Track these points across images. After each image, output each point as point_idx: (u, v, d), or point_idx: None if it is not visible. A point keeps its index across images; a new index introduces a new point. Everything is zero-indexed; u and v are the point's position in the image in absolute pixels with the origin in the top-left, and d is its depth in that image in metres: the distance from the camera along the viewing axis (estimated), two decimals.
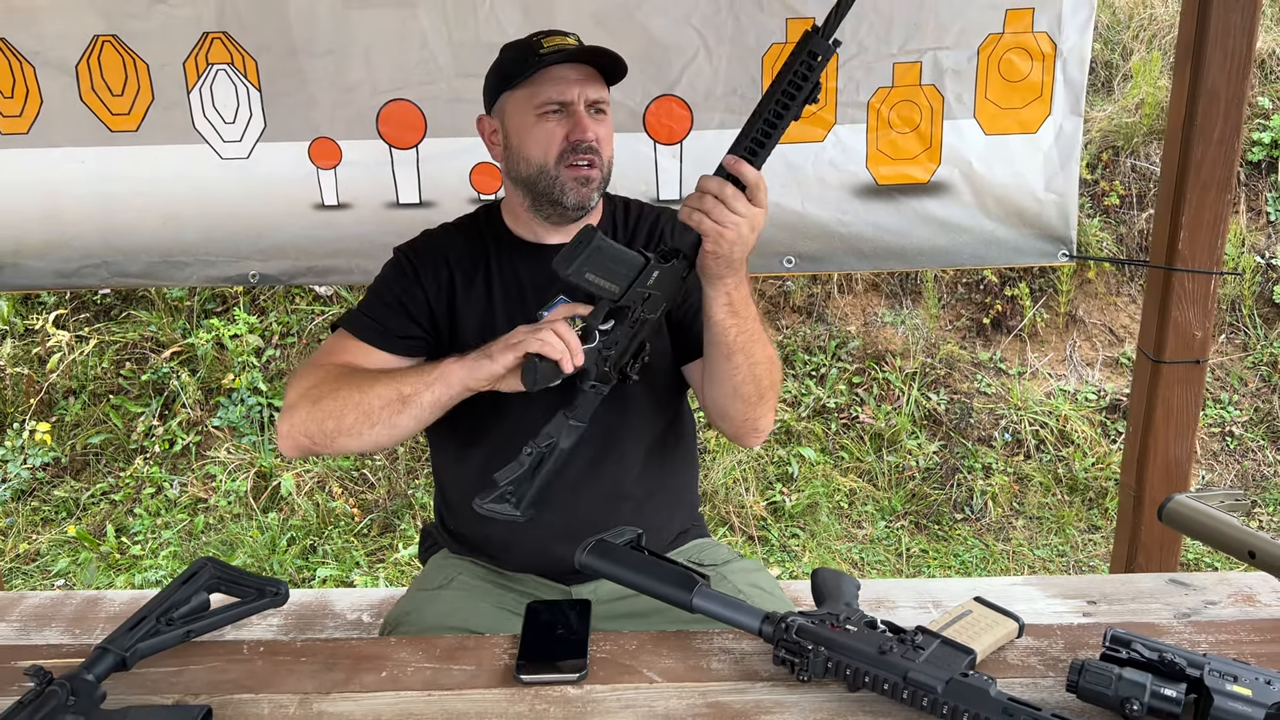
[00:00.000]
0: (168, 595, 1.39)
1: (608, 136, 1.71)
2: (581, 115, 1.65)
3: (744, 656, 1.33)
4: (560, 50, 1.64)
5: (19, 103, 2.33)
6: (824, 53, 1.40)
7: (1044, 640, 1.36)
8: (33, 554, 3.83)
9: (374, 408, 1.56)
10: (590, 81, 1.67)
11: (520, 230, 1.77)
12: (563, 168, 1.65)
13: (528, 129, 1.67)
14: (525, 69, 1.64)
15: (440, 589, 1.71)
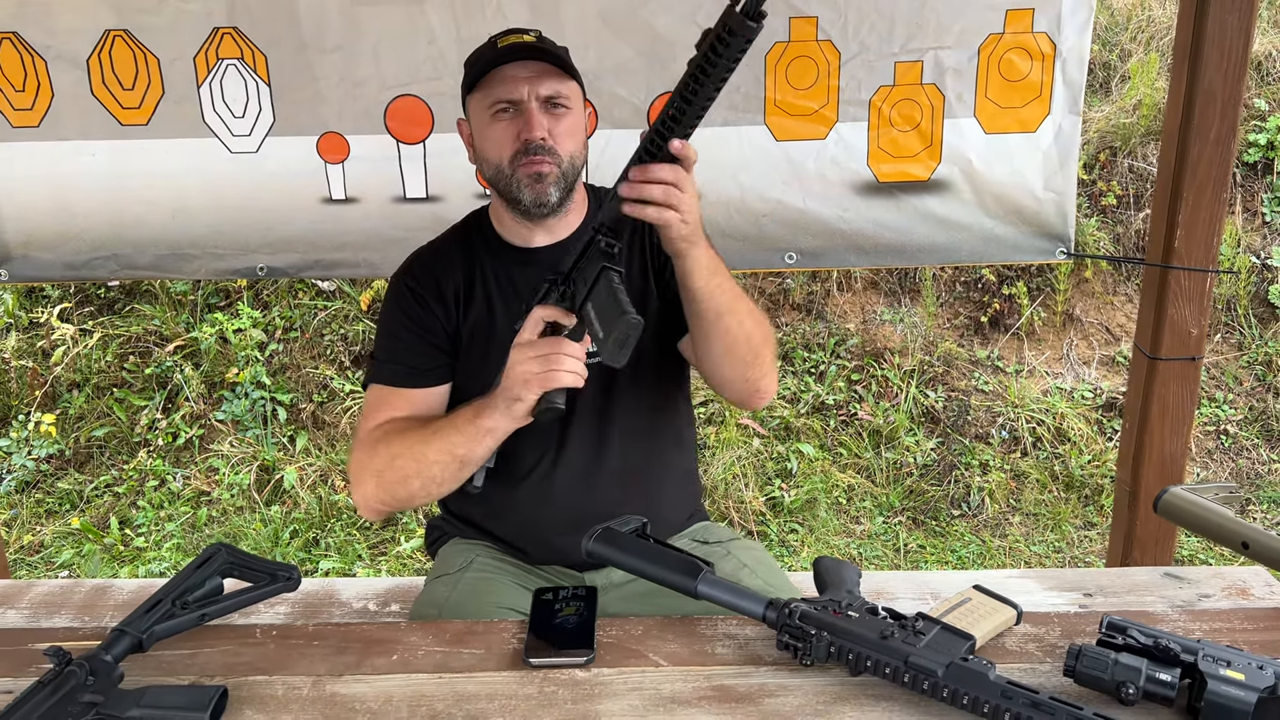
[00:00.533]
0: (182, 579, 1.42)
1: (567, 131, 1.68)
2: (531, 113, 1.63)
3: (748, 641, 1.36)
4: (510, 48, 1.64)
5: (30, 96, 2.35)
6: (741, 30, 1.29)
7: (1041, 628, 1.39)
8: (37, 545, 3.85)
9: (435, 475, 1.62)
10: (544, 77, 1.64)
11: (508, 235, 1.77)
12: (517, 167, 1.64)
13: (484, 130, 1.68)
14: (480, 70, 1.66)
15: (460, 572, 1.74)
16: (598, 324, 1.47)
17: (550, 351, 1.50)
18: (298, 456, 4.15)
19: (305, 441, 4.20)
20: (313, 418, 4.32)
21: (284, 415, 4.29)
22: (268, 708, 1.23)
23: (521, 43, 1.65)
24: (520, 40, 1.66)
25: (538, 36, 1.69)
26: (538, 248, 1.75)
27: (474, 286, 1.75)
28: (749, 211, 2.37)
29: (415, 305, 1.74)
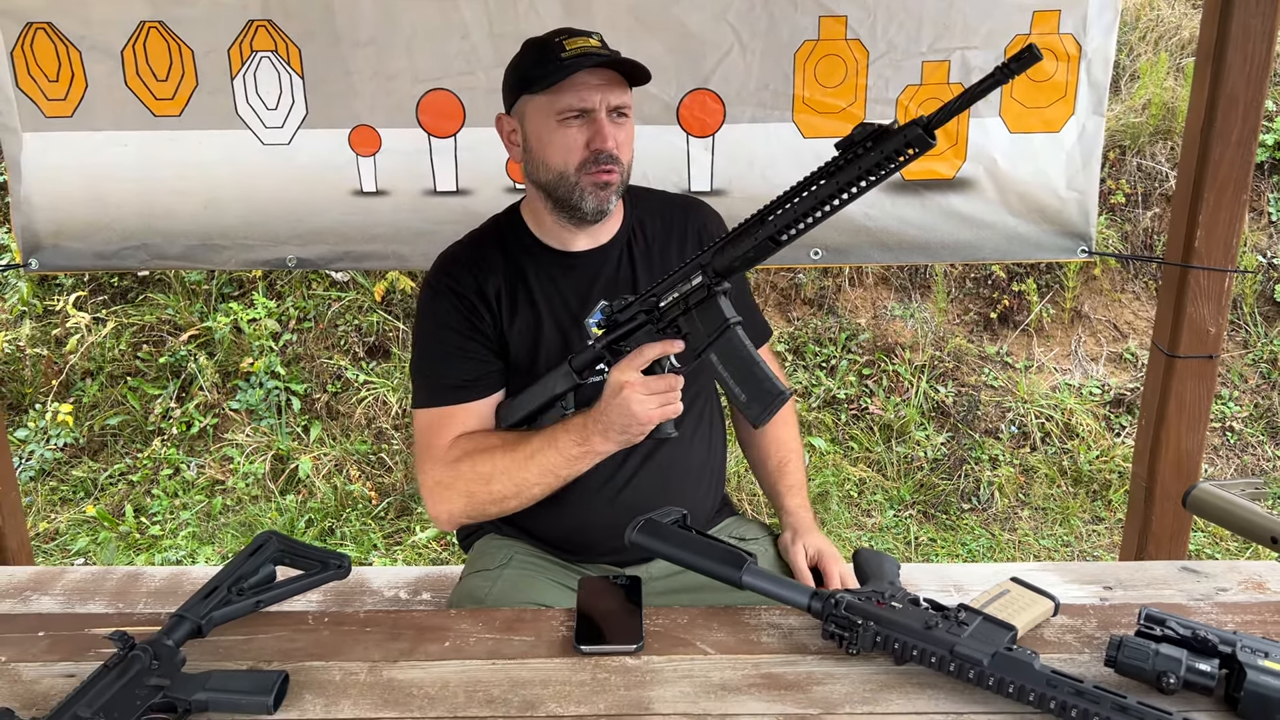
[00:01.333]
0: (236, 567, 1.44)
1: (627, 140, 1.68)
2: (603, 123, 1.62)
3: (792, 631, 1.39)
4: (583, 55, 1.60)
5: (64, 86, 2.37)
6: (920, 145, 1.27)
7: (1078, 619, 1.42)
8: (52, 533, 3.87)
9: (536, 494, 1.65)
10: (613, 86, 1.63)
11: (547, 238, 1.75)
12: (583, 175, 1.63)
13: (548, 135, 1.64)
14: (546, 73, 1.60)
15: (501, 568, 1.75)
16: (732, 382, 1.50)
17: (668, 390, 1.52)
18: (312, 446, 4.17)
19: (319, 431, 4.22)
20: (327, 408, 4.34)
21: (298, 405, 4.31)
22: (327, 692, 1.26)
23: (592, 49, 1.62)
24: (588, 45, 1.62)
25: (601, 41, 1.66)
26: (579, 252, 1.75)
27: (516, 290, 1.72)
28: None
29: (459, 305, 1.70)
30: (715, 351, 1.50)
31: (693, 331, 1.52)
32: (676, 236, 1.81)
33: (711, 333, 1.50)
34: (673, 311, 1.52)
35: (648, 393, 1.51)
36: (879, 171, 1.32)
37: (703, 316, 1.50)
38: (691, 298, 1.50)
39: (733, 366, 1.50)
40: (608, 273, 1.75)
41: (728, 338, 1.49)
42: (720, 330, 1.49)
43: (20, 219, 2.48)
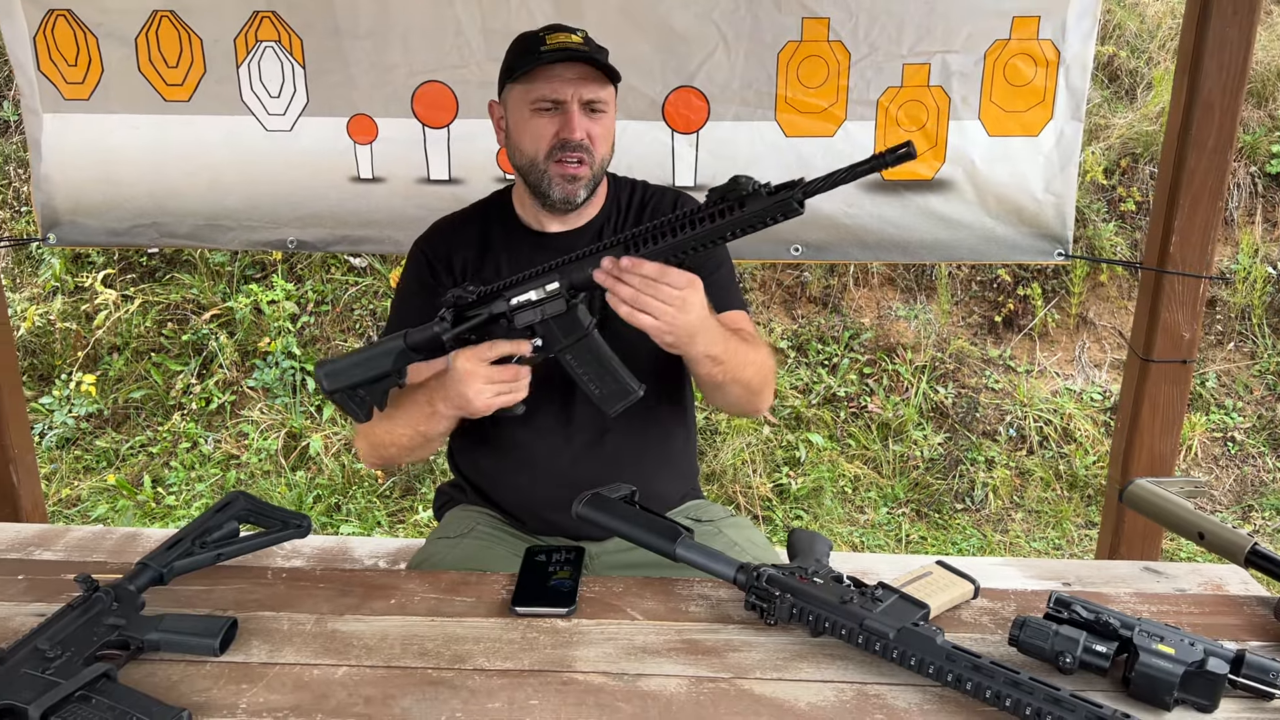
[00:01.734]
0: (202, 522, 1.53)
1: (603, 134, 1.75)
2: (573, 114, 1.70)
3: (719, 602, 1.46)
4: (560, 49, 1.69)
5: (81, 70, 2.48)
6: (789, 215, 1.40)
7: (998, 602, 1.47)
8: (74, 499, 4.02)
9: (406, 444, 1.74)
10: (588, 81, 1.71)
11: (526, 217, 1.85)
12: (551, 163, 1.71)
13: (523, 122, 1.74)
14: (526, 63, 1.70)
15: (460, 537, 1.84)
16: (587, 380, 1.59)
17: (511, 380, 1.58)
18: (324, 425, 4.29)
19: (331, 411, 4.34)
20: None
21: (312, 385, 4.43)
22: (273, 639, 1.34)
23: (571, 44, 1.70)
24: (569, 40, 1.71)
25: (585, 38, 1.74)
26: (553, 233, 1.83)
27: (484, 262, 1.83)
28: None
29: (425, 270, 1.84)
30: (570, 353, 1.58)
31: (548, 335, 1.57)
32: (646, 217, 1.87)
33: (569, 338, 1.57)
34: (526, 317, 1.57)
35: (487, 382, 1.56)
36: (744, 229, 1.41)
37: (560, 324, 1.56)
38: (548, 308, 1.56)
39: (588, 367, 1.58)
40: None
41: (585, 343, 1.57)
42: (578, 337, 1.56)
43: (40, 195, 2.60)
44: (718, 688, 1.25)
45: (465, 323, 1.60)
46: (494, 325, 1.59)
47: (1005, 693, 1.17)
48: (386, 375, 1.62)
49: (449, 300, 1.61)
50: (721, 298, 1.82)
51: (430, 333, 1.61)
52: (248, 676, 1.27)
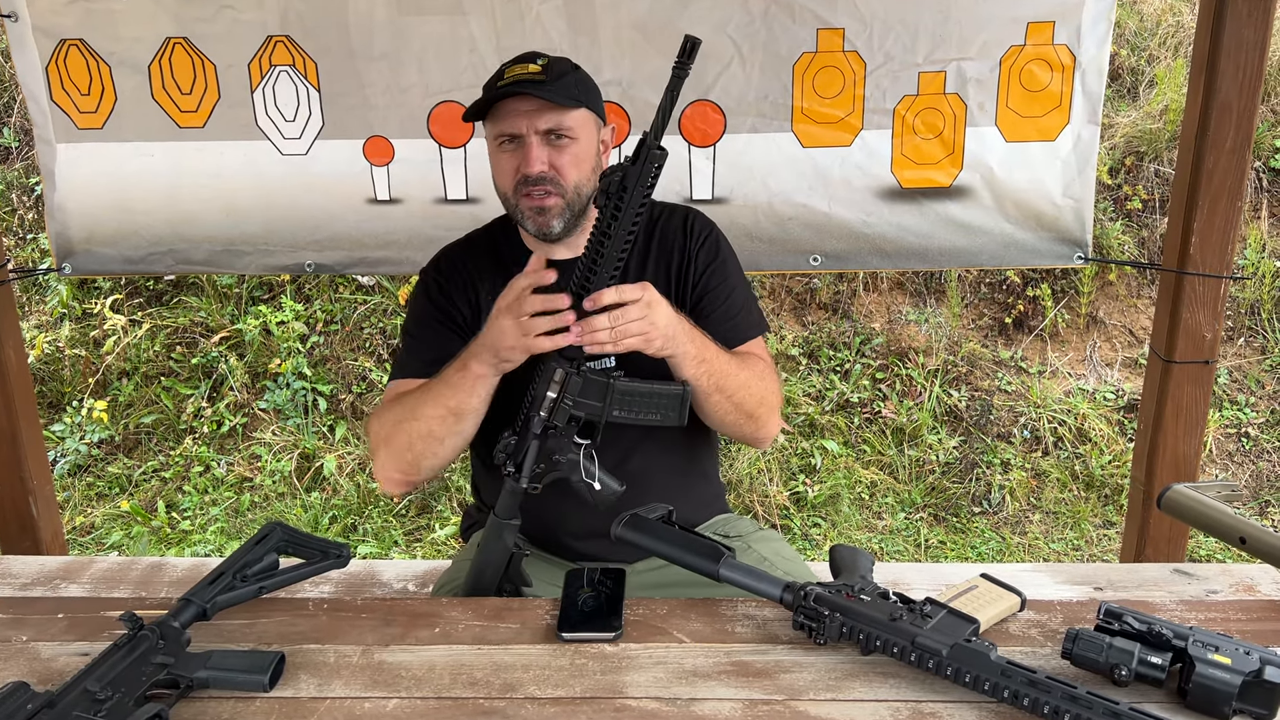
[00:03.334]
0: (241, 555, 1.52)
1: (572, 162, 1.71)
2: (531, 147, 1.68)
3: (766, 622, 1.45)
4: (512, 82, 1.67)
5: (95, 100, 2.48)
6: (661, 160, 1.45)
7: (1044, 615, 1.47)
8: (88, 527, 4.00)
9: (434, 430, 1.66)
10: (543, 111, 1.68)
11: (530, 244, 1.83)
12: (520, 197, 1.71)
13: (493, 157, 1.75)
14: (483, 101, 1.71)
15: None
16: (642, 416, 1.60)
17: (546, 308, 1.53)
18: (337, 445, 4.28)
19: (344, 431, 4.33)
20: (352, 408, 4.45)
21: (324, 405, 4.43)
22: (321, 673, 1.34)
23: (525, 75, 1.69)
24: (525, 72, 1.69)
25: (545, 66, 1.71)
26: (559, 261, 1.76)
27: (497, 291, 1.74)
28: (775, 215, 2.45)
29: (440, 296, 1.82)
30: (616, 408, 1.58)
31: (589, 410, 1.57)
32: (655, 247, 1.84)
33: (603, 398, 1.57)
34: (562, 414, 1.57)
35: (532, 313, 1.52)
36: (641, 205, 1.45)
37: (588, 394, 1.56)
38: (571, 390, 1.56)
39: (634, 408, 1.59)
40: None
41: (618, 392, 1.57)
42: (609, 392, 1.57)
43: (54, 226, 2.59)
44: (772, 710, 1.25)
45: (525, 459, 1.59)
46: (547, 444, 1.59)
47: (1064, 708, 1.17)
48: (509, 553, 1.65)
49: (500, 459, 1.60)
50: (736, 329, 1.80)
51: (512, 494, 1.62)
52: (299, 712, 1.26)
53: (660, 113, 1.43)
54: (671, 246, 1.83)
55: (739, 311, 1.83)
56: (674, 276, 1.82)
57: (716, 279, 1.82)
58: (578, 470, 1.59)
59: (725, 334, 1.76)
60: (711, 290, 1.81)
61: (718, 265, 1.83)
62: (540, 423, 1.57)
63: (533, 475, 1.59)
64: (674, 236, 1.84)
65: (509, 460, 1.60)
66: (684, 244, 1.83)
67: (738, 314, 1.82)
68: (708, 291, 1.81)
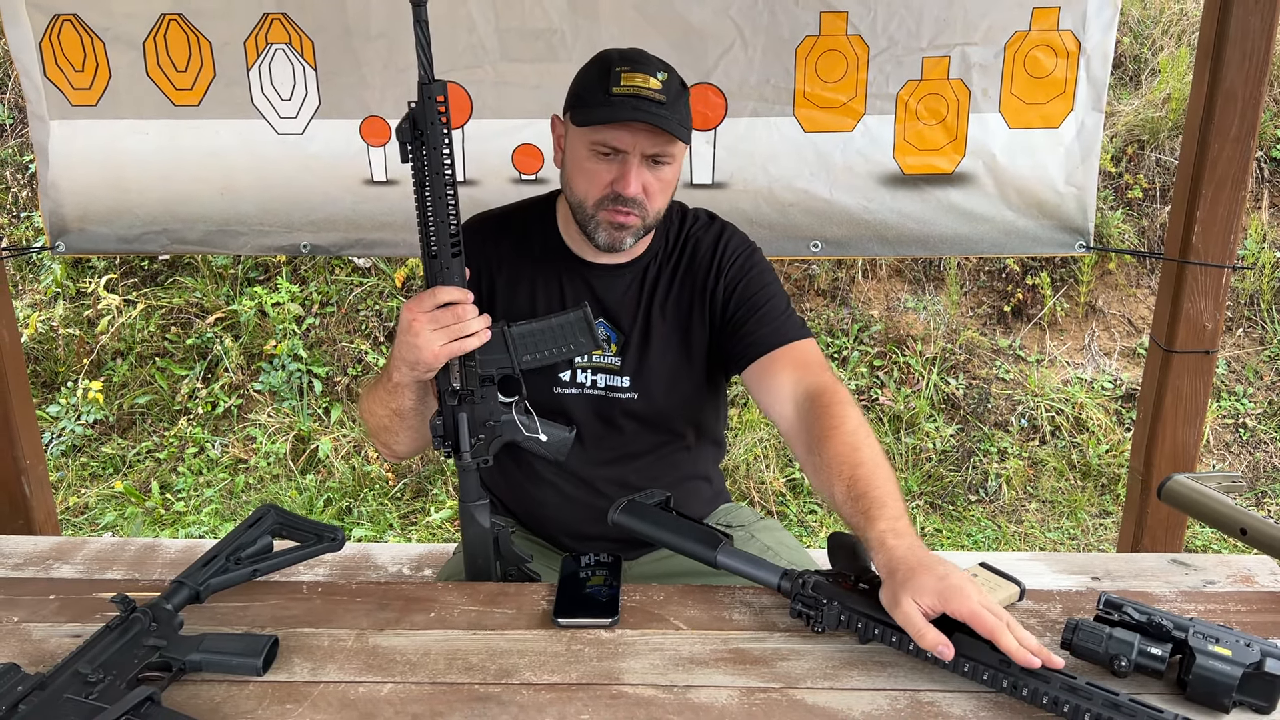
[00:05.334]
0: (235, 537, 1.51)
1: (662, 189, 1.66)
2: (631, 167, 1.60)
3: (763, 609, 1.44)
4: (633, 96, 1.57)
5: (89, 76, 2.45)
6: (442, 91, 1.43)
7: (1044, 604, 1.46)
8: (81, 507, 3.99)
9: (387, 425, 1.66)
10: (654, 135, 1.59)
11: (569, 240, 1.77)
12: (600, 210, 1.63)
13: (579, 161, 1.64)
14: (593, 105, 1.59)
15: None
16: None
17: (455, 322, 1.48)
18: (332, 428, 4.27)
19: (339, 413, 4.32)
20: (347, 390, 4.44)
21: (319, 387, 4.41)
22: (314, 657, 1.33)
23: (647, 92, 1.58)
24: (647, 87, 1.58)
25: (665, 81, 1.61)
26: (593, 263, 1.76)
27: (519, 280, 1.77)
28: (776, 200, 2.43)
29: None
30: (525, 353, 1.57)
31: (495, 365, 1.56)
32: (685, 261, 1.79)
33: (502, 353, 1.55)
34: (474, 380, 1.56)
35: (434, 327, 1.46)
36: (447, 144, 1.44)
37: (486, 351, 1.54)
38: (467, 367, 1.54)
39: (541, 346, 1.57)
40: (615, 291, 1.76)
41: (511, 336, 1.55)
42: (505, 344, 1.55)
43: (48, 204, 2.57)
44: (769, 698, 1.24)
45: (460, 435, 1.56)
46: (475, 412, 1.57)
47: (1062, 698, 1.16)
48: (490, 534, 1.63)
49: (437, 443, 1.58)
50: (778, 331, 1.71)
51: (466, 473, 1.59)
52: (292, 696, 1.25)
53: (419, 48, 1.43)
54: (698, 265, 1.77)
55: (781, 314, 1.74)
56: (699, 302, 1.76)
57: (754, 288, 1.73)
58: (517, 429, 1.57)
59: (770, 335, 1.70)
60: (749, 298, 1.73)
61: (753, 275, 1.75)
62: (454, 393, 1.54)
63: (474, 448, 1.56)
64: (703, 255, 1.77)
65: (443, 441, 1.57)
66: (711, 266, 1.76)
67: (780, 316, 1.73)
68: (745, 300, 1.73)
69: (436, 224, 1.45)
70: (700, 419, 1.85)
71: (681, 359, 1.77)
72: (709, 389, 1.82)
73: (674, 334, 1.76)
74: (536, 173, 2.45)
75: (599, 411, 1.76)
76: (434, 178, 1.43)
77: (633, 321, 1.76)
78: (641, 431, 1.79)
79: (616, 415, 1.77)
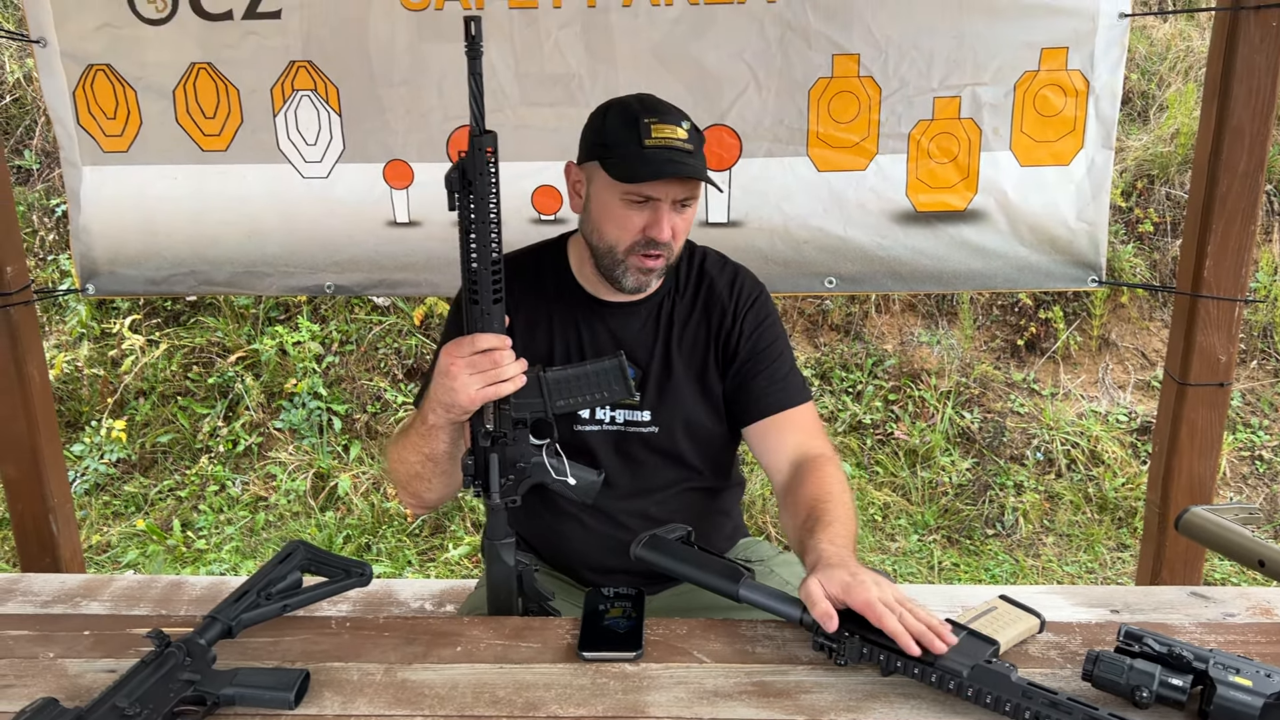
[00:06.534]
0: (265, 573, 1.54)
1: (685, 229, 1.71)
2: (664, 214, 1.65)
3: (785, 642, 1.46)
4: (665, 149, 1.62)
5: (120, 123, 2.51)
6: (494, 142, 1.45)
7: (1063, 636, 1.47)
8: (104, 545, 4.02)
9: (419, 472, 1.68)
10: (685, 183, 1.66)
11: (583, 280, 1.81)
12: (631, 256, 1.67)
13: (609, 208, 1.68)
14: (624, 159, 1.63)
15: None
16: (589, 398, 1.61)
17: (492, 367, 1.51)
18: (351, 465, 4.30)
19: (359, 450, 4.35)
20: (366, 428, 4.47)
21: (339, 425, 4.45)
22: (344, 691, 1.35)
23: (676, 143, 1.63)
24: (675, 138, 1.64)
25: (690, 130, 1.67)
26: (609, 302, 1.80)
27: (536, 326, 1.80)
28: (790, 238, 2.47)
29: None
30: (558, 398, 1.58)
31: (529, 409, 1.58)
32: (701, 303, 1.83)
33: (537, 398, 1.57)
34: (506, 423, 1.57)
35: (471, 372, 1.49)
36: (494, 195, 1.46)
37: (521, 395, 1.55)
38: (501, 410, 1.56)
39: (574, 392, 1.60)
40: (632, 328, 1.80)
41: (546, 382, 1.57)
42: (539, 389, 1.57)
43: (79, 247, 2.62)
44: None
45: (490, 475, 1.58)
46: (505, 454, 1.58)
47: None
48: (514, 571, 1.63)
49: (467, 481, 1.59)
50: (782, 394, 1.77)
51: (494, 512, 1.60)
52: None
53: (472, 99, 1.44)
54: (715, 305, 1.81)
55: (787, 374, 1.80)
56: (714, 338, 1.80)
57: (765, 340, 1.80)
58: (547, 472, 1.59)
59: (774, 396, 1.76)
60: (760, 351, 1.79)
61: (766, 327, 1.81)
62: (487, 434, 1.56)
63: (504, 489, 1.58)
64: (719, 299, 1.82)
65: (474, 480, 1.59)
66: (730, 306, 1.81)
67: (786, 377, 1.79)
68: (756, 352, 1.78)
69: (480, 271, 1.47)
70: (718, 454, 1.88)
71: (699, 391, 1.80)
72: (725, 424, 1.85)
73: (691, 367, 1.80)
74: (555, 213, 2.49)
75: (619, 446, 1.79)
76: (480, 226, 1.46)
77: (650, 356, 1.79)
78: (662, 465, 1.81)
79: (637, 449, 1.80)
